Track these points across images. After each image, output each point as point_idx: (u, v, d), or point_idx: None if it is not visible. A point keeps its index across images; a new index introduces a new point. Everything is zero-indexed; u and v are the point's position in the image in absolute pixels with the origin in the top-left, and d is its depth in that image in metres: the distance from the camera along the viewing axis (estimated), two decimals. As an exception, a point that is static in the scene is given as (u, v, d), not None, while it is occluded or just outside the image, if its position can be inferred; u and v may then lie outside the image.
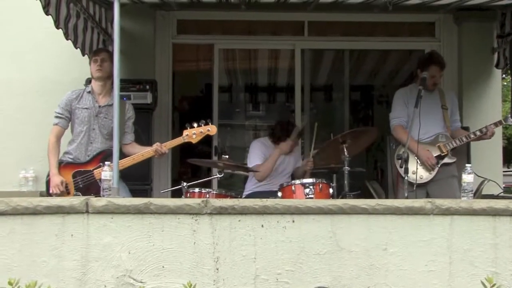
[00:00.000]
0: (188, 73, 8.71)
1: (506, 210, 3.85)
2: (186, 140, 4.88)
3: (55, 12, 5.07)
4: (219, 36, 7.50)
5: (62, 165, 4.90)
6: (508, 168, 12.40)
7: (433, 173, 5.34)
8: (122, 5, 4.45)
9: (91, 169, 4.86)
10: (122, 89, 4.47)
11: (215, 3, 6.02)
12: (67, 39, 5.47)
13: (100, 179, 4.61)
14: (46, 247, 3.79)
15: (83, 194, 4.71)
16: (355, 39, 7.61)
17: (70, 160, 4.93)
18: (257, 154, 5.91)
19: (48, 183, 4.87)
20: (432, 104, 5.48)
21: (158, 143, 4.85)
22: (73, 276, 3.76)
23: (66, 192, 4.81)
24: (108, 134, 4.94)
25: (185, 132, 4.89)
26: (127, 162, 4.80)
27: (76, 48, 5.63)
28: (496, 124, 5.43)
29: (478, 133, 5.39)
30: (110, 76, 4.86)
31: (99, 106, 4.99)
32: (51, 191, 4.80)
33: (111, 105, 4.73)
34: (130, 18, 6.54)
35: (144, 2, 6.16)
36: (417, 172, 5.18)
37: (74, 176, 4.86)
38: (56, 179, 4.79)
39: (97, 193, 4.59)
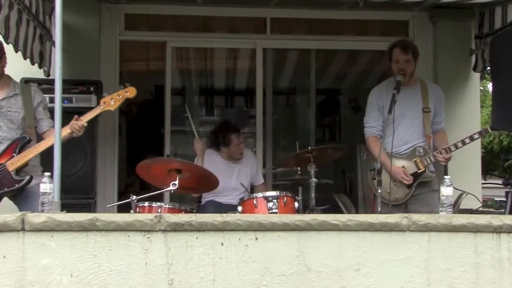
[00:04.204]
0: (137, 74, 8.64)
1: (488, 226, 3.90)
2: (104, 109, 4.85)
3: (-17, 3, 4.97)
4: (172, 33, 7.48)
5: None
6: (485, 180, 12.62)
7: (410, 192, 5.19)
8: (64, -4, 4.38)
9: (4, 161, 4.82)
10: (62, 91, 4.37)
11: (168, -5, 6.01)
12: (-5, 32, 5.35)
13: (14, 171, 4.74)
14: (-26, 271, 3.69)
15: None
16: (322, 38, 7.67)
17: None
18: None
19: None
20: (412, 106, 5.27)
21: (74, 117, 4.79)
22: (6, 302, 3.67)
23: None
24: (20, 127, 4.94)
25: (102, 101, 4.86)
26: (41, 146, 4.80)
27: (8, 44, 5.50)
28: (481, 133, 5.31)
29: (459, 144, 5.16)
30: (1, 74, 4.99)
31: None
32: None
33: (12, 96, 4.94)
34: (72, 11, 6.45)
35: (88, -7, 6.11)
36: (390, 191, 5.05)
37: None
38: None
39: (10, 187, 4.74)
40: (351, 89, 10.07)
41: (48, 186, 4.06)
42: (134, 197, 4.73)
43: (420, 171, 5.20)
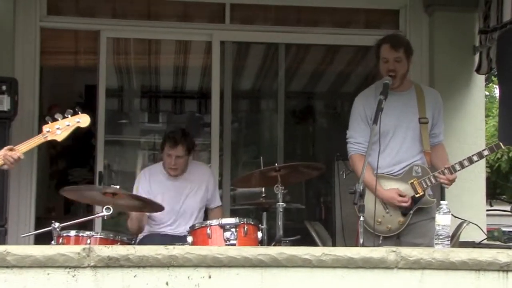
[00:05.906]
0: (63, 70, 8.62)
1: (493, 263, 3.95)
2: (48, 138, 4.77)
3: None
4: (107, 20, 7.47)
5: None
6: (491, 206, 12.75)
7: (406, 221, 5.15)
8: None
9: None
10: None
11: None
12: None
13: None
14: None
15: None
16: (293, 30, 7.73)
17: None
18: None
19: None
20: (406, 116, 5.25)
21: (8, 147, 4.71)
22: None
23: None
24: None
25: (46, 128, 4.79)
26: None
27: None
28: (492, 149, 5.25)
29: (465, 163, 5.11)
30: None
31: None
32: None
33: None
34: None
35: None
36: (382, 220, 5.06)
37: None
38: None
39: None
40: (328, 92, 10.15)
41: None
42: (57, 224, 4.70)
43: (418, 195, 5.17)
